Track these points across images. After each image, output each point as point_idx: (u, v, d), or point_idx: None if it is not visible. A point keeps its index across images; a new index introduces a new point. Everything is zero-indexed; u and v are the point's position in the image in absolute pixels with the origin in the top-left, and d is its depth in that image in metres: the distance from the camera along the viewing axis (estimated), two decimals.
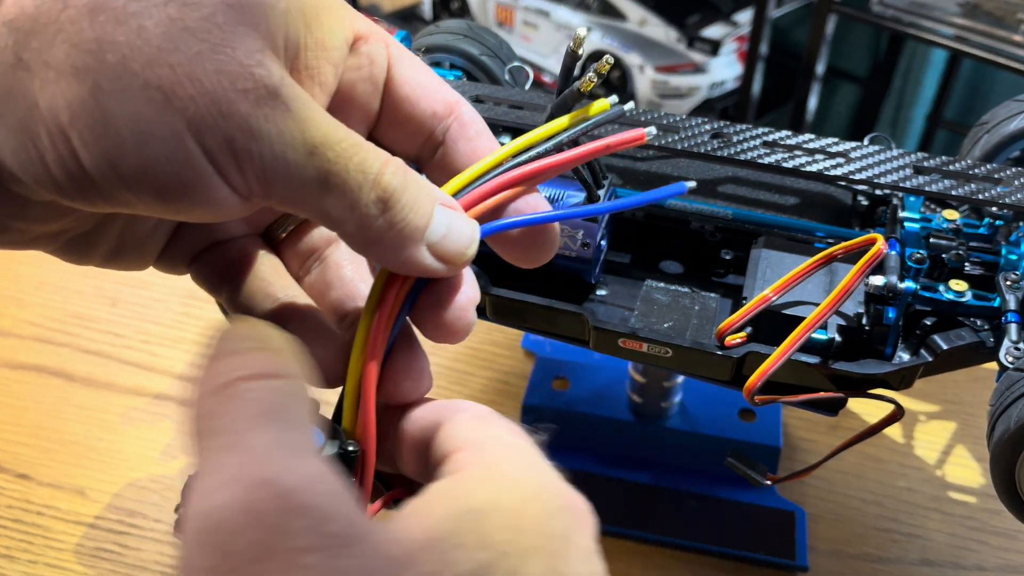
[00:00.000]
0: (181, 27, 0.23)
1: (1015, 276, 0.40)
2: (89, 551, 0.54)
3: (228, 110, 0.23)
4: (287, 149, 0.24)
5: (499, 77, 0.53)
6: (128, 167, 0.23)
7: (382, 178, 0.25)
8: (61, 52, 0.22)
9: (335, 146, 0.24)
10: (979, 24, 1.23)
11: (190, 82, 0.22)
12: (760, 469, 0.46)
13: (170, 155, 0.23)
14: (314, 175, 0.24)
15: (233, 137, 0.23)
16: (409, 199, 0.26)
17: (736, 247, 0.47)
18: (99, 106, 0.22)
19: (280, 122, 0.23)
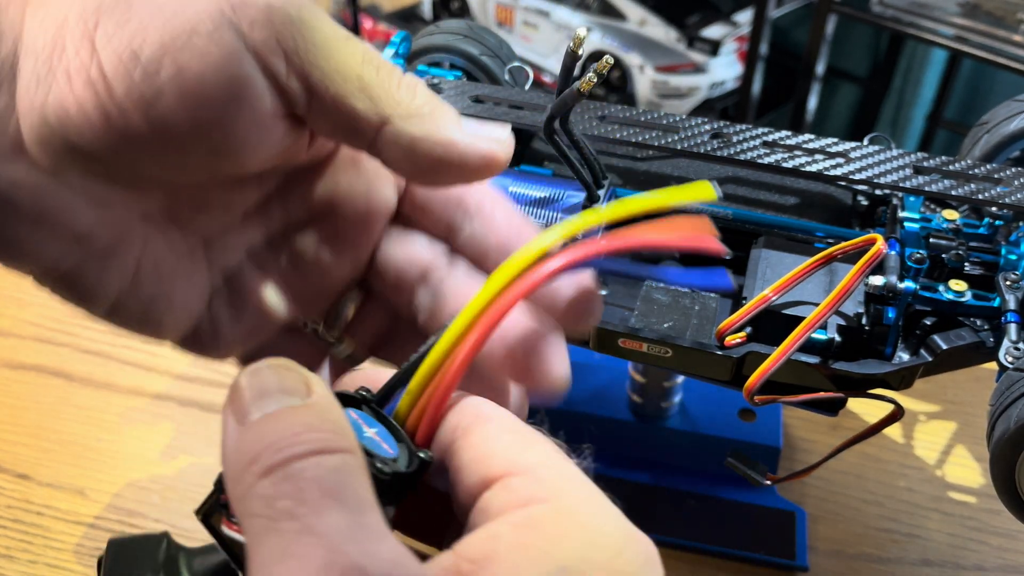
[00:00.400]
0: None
1: (1015, 276, 0.40)
2: (89, 551, 0.54)
3: (269, 15, 0.23)
4: (326, 26, 0.24)
5: (499, 77, 0.53)
6: (149, 50, 0.22)
7: (407, 74, 0.25)
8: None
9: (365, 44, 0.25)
10: (979, 24, 1.23)
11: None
12: (760, 469, 0.46)
13: (194, 28, 0.22)
14: (352, 50, 0.24)
15: (271, 5, 0.23)
16: (434, 95, 0.26)
17: (736, 247, 0.47)
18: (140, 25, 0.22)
19: (308, 13, 0.23)
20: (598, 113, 0.48)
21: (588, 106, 0.48)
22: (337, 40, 0.24)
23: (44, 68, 0.22)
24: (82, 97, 0.22)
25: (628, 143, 0.46)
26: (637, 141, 0.46)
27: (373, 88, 0.24)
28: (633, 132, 0.47)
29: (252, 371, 0.22)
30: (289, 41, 0.23)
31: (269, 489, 0.20)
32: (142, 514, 0.56)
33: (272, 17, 0.23)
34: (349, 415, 0.24)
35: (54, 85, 0.22)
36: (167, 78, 0.22)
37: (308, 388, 0.22)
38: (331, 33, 0.24)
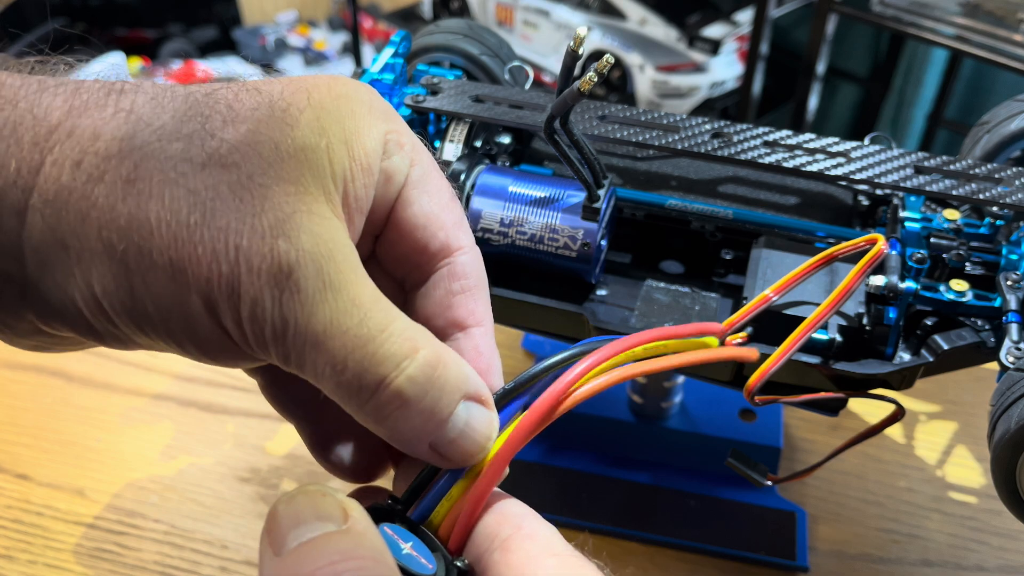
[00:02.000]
0: (214, 196, 0.23)
1: (1016, 276, 0.40)
2: (88, 551, 0.54)
3: (239, 292, 0.23)
4: (289, 334, 0.24)
5: (499, 76, 0.53)
6: (155, 332, 0.25)
7: (387, 388, 0.24)
8: (93, 230, 0.23)
9: (340, 337, 0.24)
10: (980, 24, 1.23)
11: (208, 264, 0.23)
12: (760, 469, 0.46)
13: (189, 329, 0.24)
14: (313, 362, 0.24)
15: (241, 317, 0.24)
16: (427, 405, 0.24)
17: (736, 247, 0.47)
18: (128, 285, 0.24)
19: (286, 306, 0.23)
20: (598, 113, 0.48)
21: (588, 106, 0.48)
22: (306, 350, 0.24)
23: (55, 297, 0.24)
24: (97, 326, 0.25)
25: (628, 143, 0.46)
26: (637, 141, 0.46)
27: (336, 397, 0.25)
28: (633, 132, 0.47)
29: (287, 499, 0.23)
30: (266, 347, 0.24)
31: None
32: (141, 514, 0.56)
33: (252, 325, 0.24)
34: (384, 532, 0.25)
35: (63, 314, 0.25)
36: (171, 346, 0.25)
37: (344, 514, 0.22)
38: (299, 343, 0.24)
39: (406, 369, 0.24)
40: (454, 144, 0.48)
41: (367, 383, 0.24)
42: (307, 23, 2.55)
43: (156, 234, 0.23)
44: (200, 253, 0.23)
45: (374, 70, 0.49)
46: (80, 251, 0.23)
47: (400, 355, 0.24)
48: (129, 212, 0.23)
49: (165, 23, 2.34)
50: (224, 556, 0.54)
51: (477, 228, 0.44)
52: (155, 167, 0.23)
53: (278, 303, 0.23)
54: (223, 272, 0.23)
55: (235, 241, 0.23)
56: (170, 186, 0.23)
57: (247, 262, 0.23)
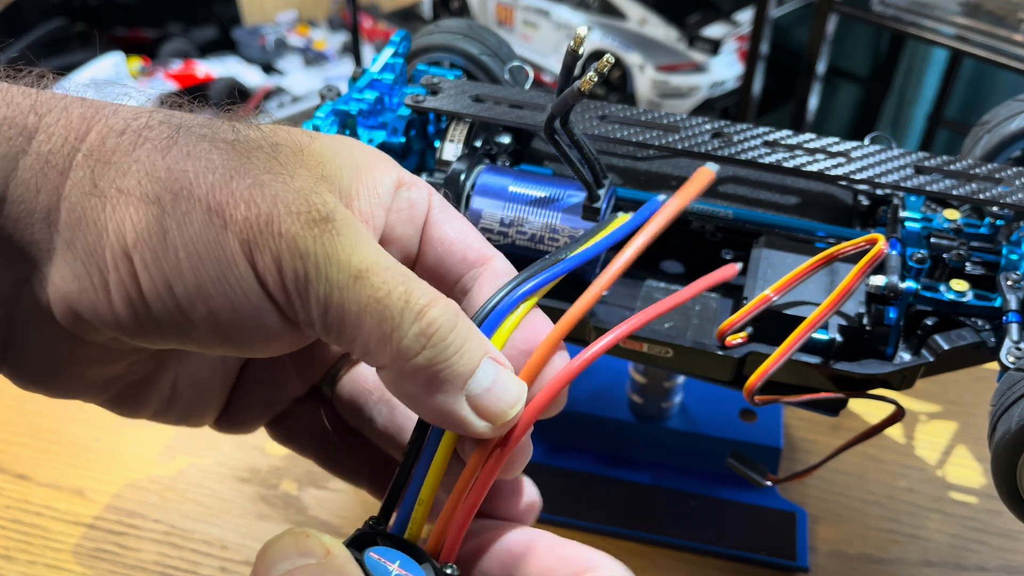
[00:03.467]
0: (247, 162, 0.25)
1: (1016, 276, 0.40)
2: (88, 551, 0.54)
3: (279, 230, 0.24)
4: (332, 269, 0.24)
5: (499, 76, 0.53)
6: (183, 288, 0.24)
7: (428, 311, 0.25)
8: (134, 180, 0.24)
9: (382, 272, 0.24)
10: (980, 23, 1.23)
11: (247, 205, 0.24)
12: (760, 470, 0.46)
13: (222, 275, 0.24)
14: (356, 298, 0.24)
15: (281, 255, 0.24)
16: (456, 340, 0.25)
17: (737, 247, 0.47)
18: (160, 228, 0.24)
19: (328, 244, 0.24)
20: (598, 113, 0.48)
21: (588, 106, 0.48)
22: (344, 286, 0.24)
23: (82, 269, 0.24)
24: (119, 308, 0.24)
25: (629, 143, 0.46)
26: (637, 141, 0.46)
27: (371, 339, 0.25)
28: (633, 132, 0.46)
29: (275, 539, 0.24)
30: (297, 292, 0.24)
31: None
32: (141, 514, 0.56)
33: (283, 269, 0.24)
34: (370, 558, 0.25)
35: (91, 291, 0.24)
36: (199, 317, 0.24)
37: (326, 550, 0.24)
38: (338, 279, 0.24)
39: (439, 303, 0.25)
40: (454, 144, 0.48)
41: (412, 307, 0.24)
42: (307, 23, 2.55)
43: (194, 183, 0.24)
44: (238, 197, 0.24)
45: (374, 70, 0.49)
46: (117, 201, 0.24)
47: (439, 297, 0.25)
48: (168, 166, 0.24)
49: (165, 23, 2.34)
50: (224, 556, 0.54)
51: (477, 228, 0.44)
52: (192, 137, 0.25)
53: (320, 242, 0.24)
54: (262, 211, 0.24)
55: (271, 192, 0.24)
56: (206, 151, 0.25)
57: (286, 206, 0.24)
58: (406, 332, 0.24)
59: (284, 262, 0.24)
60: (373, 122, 0.48)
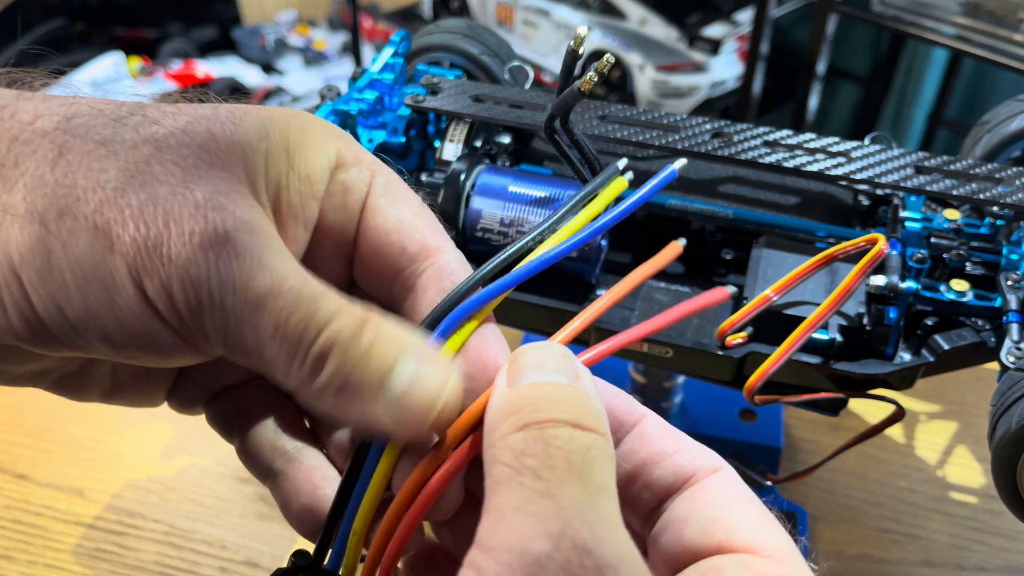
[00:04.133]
0: (144, 170, 0.23)
1: (1016, 276, 0.40)
2: (88, 551, 0.54)
3: (169, 254, 0.22)
4: (227, 297, 0.22)
5: (499, 76, 0.53)
6: (73, 310, 0.22)
7: (328, 327, 0.23)
8: (19, 196, 0.22)
9: (283, 296, 0.23)
10: (980, 23, 1.23)
11: (135, 224, 0.22)
12: (761, 470, 0.46)
13: (110, 299, 0.22)
14: (256, 325, 0.23)
15: (171, 282, 0.22)
16: (360, 347, 0.23)
17: (737, 247, 0.47)
18: (44, 248, 0.22)
19: (224, 268, 0.22)
20: (598, 112, 0.48)
21: (588, 105, 0.48)
22: (241, 314, 0.23)
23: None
24: (17, 325, 0.23)
25: (629, 142, 0.46)
26: (638, 140, 0.46)
27: (272, 364, 0.23)
28: (634, 131, 0.46)
29: (532, 347, 0.24)
30: (191, 319, 0.23)
31: (520, 443, 0.21)
32: (141, 514, 0.56)
33: (173, 296, 0.22)
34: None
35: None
36: (95, 337, 0.23)
37: (578, 375, 0.23)
38: (234, 307, 0.23)
39: (340, 315, 0.23)
40: (454, 144, 0.48)
41: (311, 329, 0.23)
42: (307, 23, 2.55)
43: (82, 199, 0.22)
44: (127, 215, 0.22)
45: (374, 70, 0.49)
46: (2, 219, 0.22)
47: (344, 309, 0.24)
48: (56, 180, 0.22)
49: (165, 23, 2.34)
50: (223, 556, 0.54)
51: (477, 228, 0.44)
52: (87, 143, 0.23)
53: (215, 267, 0.22)
54: (151, 234, 0.22)
55: (164, 208, 0.22)
56: (100, 159, 0.23)
57: (177, 227, 0.22)
58: (307, 356, 0.23)
59: (175, 290, 0.22)
60: (373, 122, 0.48)
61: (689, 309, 0.28)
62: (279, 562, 0.54)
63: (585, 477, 0.21)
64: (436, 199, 0.44)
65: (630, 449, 0.26)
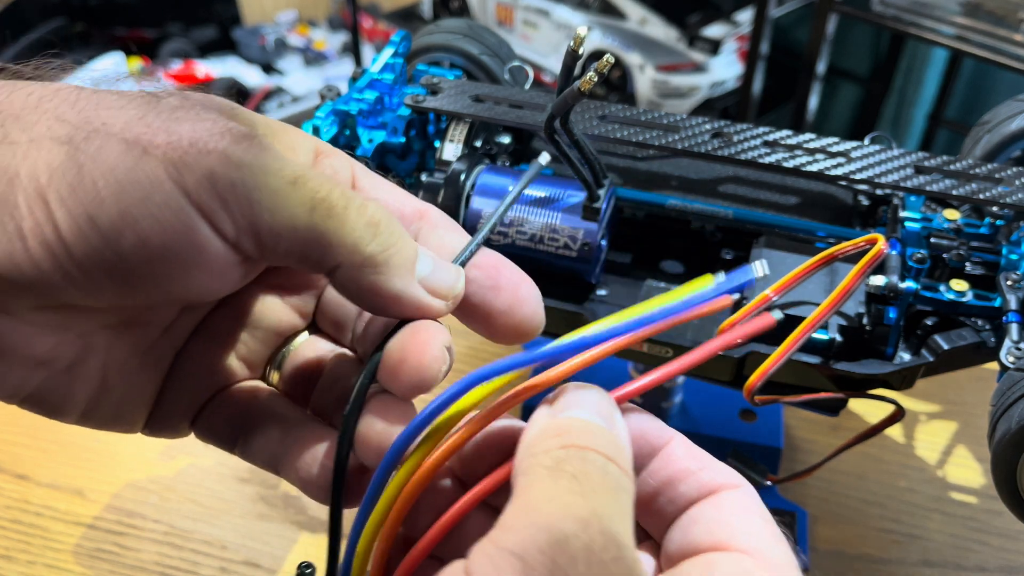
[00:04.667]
0: (156, 103, 0.24)
1: (1016, 276, 0.40)
2: (88, 551, 0.54)
3: (207, 147, 0.23)
4: (269, 177, 0.24)
5: (499, 76, 0.53)
6: (106, 218, 0.23)
7: (367, 205, 0.25)
8: (44, 127, 0.23)
9: (316, 177, 0.25)
10: (980, 23, 1.23)
11: (166, 134, 0.23)
12: (760, 469, 0.46)
13: (147, 197, 0.23)
14: (300, 200, 0.24)
15: (214, 169, 0.23)
16: (396, 230, 0.26)
17: (737, 247, 0.47)
18: (75, 163, 0.23)
19: (259, 155, 0.24)
20: (598, 112, 0.48)
21: (588, 105, 0.48)
22: (284, 191, 0.24)
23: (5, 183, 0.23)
24: (38, 255, 0.23)
25: (629, 143, 0.46)
26: (638, 141, 0.46)
27: (321, 237, 0.25)
28: (634, 132, 0.46)
29: (578, 386, 0.26)
30: (235, 203, 0.24)
31: (562, 454, 0.23)
32: (141, 515, 0.56)
33: (216, 181, 0.23)
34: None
35: (5, 243, 0.23)
36: (129, 246, 0.23)
37: (614, 422, 0.25)
38: (277, 185, 0.24)
39: (372, 201, 0.26)
40: (454, 144, 0.48)
41: (354, 202, 0.25)
42: (307, 23, 2.55)
43: (108, 123, 0.23)
44: (155, 129, 0.23)
45: (374, 70, 0.49)
46: (28, 148, 0.23)
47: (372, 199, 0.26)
48: (79, 111, 0.24)
49: (165, 23, 2.34)
50: (223, 556, 0.54)
51: (477, 228, 0.44)
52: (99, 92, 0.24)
53: (251, 153, 0.24)
54: (183, 136, 0.23)
55: (189, 124, 0.24)
56: (116, 99, 0.24)
57: (207, 130, 0.24)
58: (355, 224, 0.25)
59: (218, 175, 0.23)
60: (373, 122, 0.48)
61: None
62: (279, 562, 0.54)
63: (615, 496, 0.22)
64: (436, 199, 0.44)
65: (658, 467, 0.27)
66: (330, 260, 0.25)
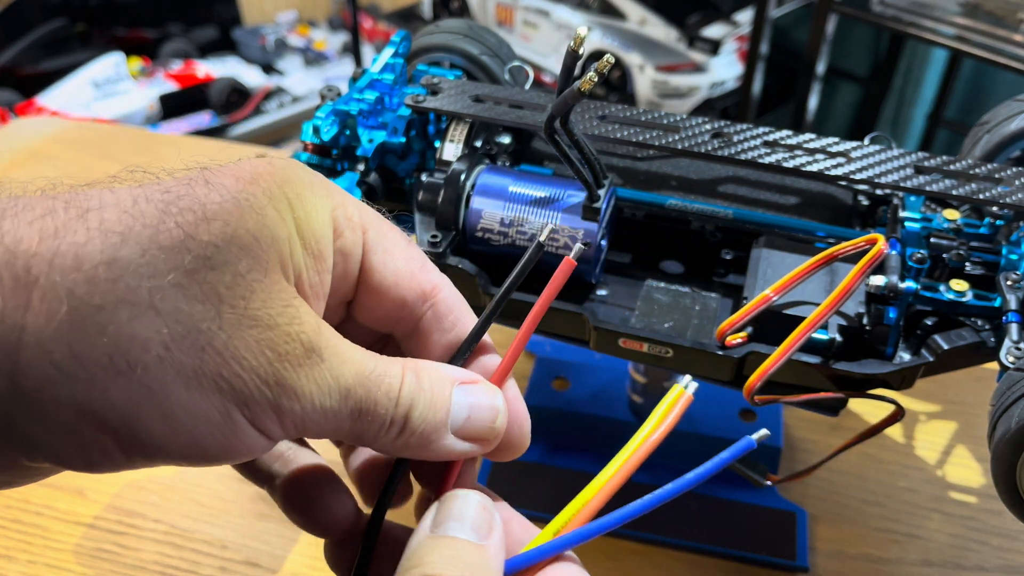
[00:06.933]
0: (213, 297, 0.24)
1: (1016, 276, 0.40)
2: (88, 551, 0.54)
3: (273, 380, 0.24)
4: (325, 399, 0.25)
5: (499, 76, 0.53)
6: (178, 444, 0.24)
7: (402, 393, 0.27)
8: (104, 356, 0.23)
9: (364, 382, 0.26)
10: (980, 24, 1.23)
11: (236, 362, 0.24)
12: (760, 469, 0.46)
13: (217, 430, 0.24)
14: (347, 413, 0.26)
15: (279, 402, 0.25)
16: (426, 400, 0.27)
17: (737, 247, 0.47)
18: (150, 402, 0.23)
19: (319, 378, 0.25)
20: (598, 113, 0.48)
21: (588, 106, 0.48)
22: (333, 410, 0.26)
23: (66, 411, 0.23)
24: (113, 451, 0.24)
25: (628, 143, 0.46)
26: (637, 141, 0.46)
27: (360, 438, 0.27)
28: (633, 132, 0.47)
29: (462, 496, 0.28)
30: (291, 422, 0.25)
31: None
32: (141, 514, 0.56)
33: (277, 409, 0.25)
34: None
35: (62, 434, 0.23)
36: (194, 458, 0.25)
37: (489, 532, 0.27)
38: (328, 405, 0.26)
39: (405, 375, 0.27)
40: (454, 144, 0.48)
41: (390, 399, 0.27)
42: (307, 23, 2.55)
43: (172, 347, 0.23)
44: (225, 356, 0.24)
45: (374, 70, 0.49)
46: (90, 380, 0.22)
47: (394, 367, 0.27)
48: (133, 333, 0.23)
49: (165, 23, 2.34)
50: (224, 556, 0.54)
51: (477, 228, 0.44)
52: (146, 284, 0.23)
53: (311, 379, 0.25)
54: (252, 366, 0.24)
55: (253, 337, 0.24)
56: (168, 300, 0.23)
57: (272, 350, 0.24)
58: (389, 422, 0.27)
59: (282, 406, 0.25)
60: (373, 122, 0.48)
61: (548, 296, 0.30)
62: (279, 562, 0.54)
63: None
64: (436, 199, 0.44)
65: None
66: (368, 446, 0.28)
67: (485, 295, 0.43)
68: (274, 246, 0.25)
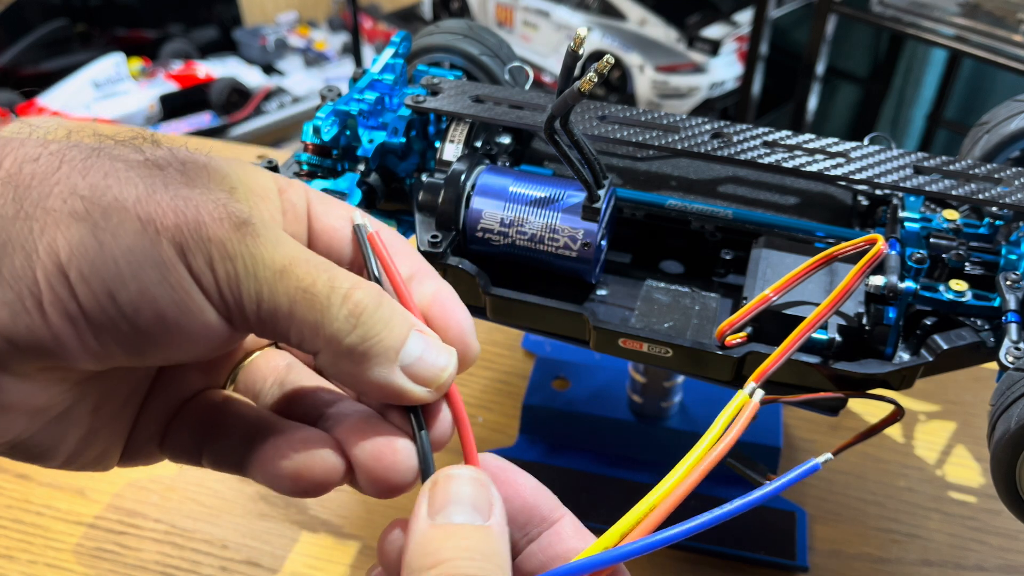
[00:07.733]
0: (161, 175, 0.26)
1: (1015, 276, 0.40)
2: (89, 551, 0.54)
3: (208, 234, 0.25)
4: (259, 267, 0.26)
5: (499, 77, 0.53)
6: (126, 295, 0.25)
7: (353, 293, 0.27)
8: (59, 200, 0.25)
9: (304, 264, 0.26)
10: (979, 24, 1.23)
11: (174, 213, 0.25)
12: (760, 469, 0.46)
13: (163, 279, 0.25)
14: (285, 290, 0.26)
15: (212, 257, 0.25)
16: (382, 317, 0.27)
17: (736, 247, 0.47)
18: (96, 241, 0.24)
19: (251, 244, 0.26)
20: (598, 113, 0.48)
21: (588, 106, 0.48)
22: (270, 282, 0.26)
23: (11, 295, 0.24)
24: (57, 327, 0.25)
25: (628, 143, 0.46)
26: (637, 141, 0.46)
27: (302, 327, 0.26)
28: (633, 132, 0.47)
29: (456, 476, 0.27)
30: (230, 290, 0.26)
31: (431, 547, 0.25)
32: (142, 514, 0.56)
33: (215, 269, 0.26)
34: None
35: (24, 315, 0.24)
36: (146, 321, 0.25)
37: (491, 510, 0.27)
38: (264, 276, 0.26)
39: (361, 287, 0.27)
40: (454, 144, 0.48)
41: (337, 291, 0.26)
42: (307, 23, 2.55)
43: (120, 197, 0.25)
44: (164, 207, 0.25)
45: (374, 71, 0.49)
46: (45, 221, 0.24)
47: (360, 282, 0.27)
48: (91, 184, 0.25)
49: (165, 23, 2.34)
50: (224, 556, 0.54)
51: (477, 228, 0.44)
52: (106, 158, 0.26)
53: (244, 243, 0.26)
54: (189, 218, 0.25)
55: (194, 202, 0.26)
56: (123, 169, 0.26)
57: (208, 213, 0.26)
58: (336, 315, 0.26)
59: (216, 264, 0.25)
60: (374, 122, 0.48)
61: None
62: (280, 561, 0.54)
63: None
64: (436, 199, 0.44)
65: (548, 543, 0.29)
66: (309, 347, 0.27)
67: (485, 295, 0.43)
68: (221, 174, 0.28)
